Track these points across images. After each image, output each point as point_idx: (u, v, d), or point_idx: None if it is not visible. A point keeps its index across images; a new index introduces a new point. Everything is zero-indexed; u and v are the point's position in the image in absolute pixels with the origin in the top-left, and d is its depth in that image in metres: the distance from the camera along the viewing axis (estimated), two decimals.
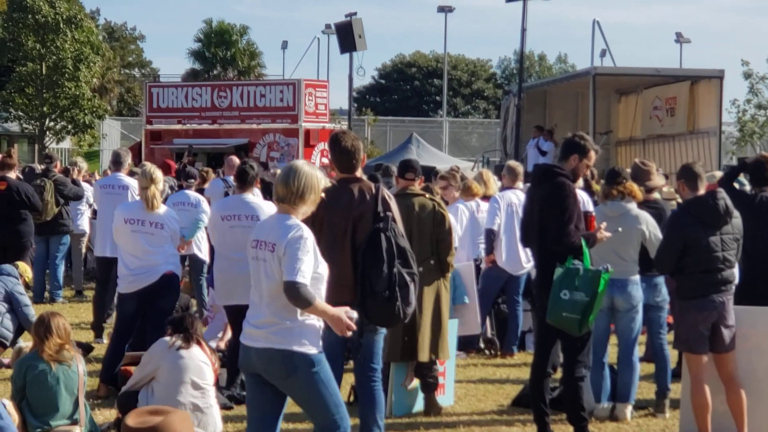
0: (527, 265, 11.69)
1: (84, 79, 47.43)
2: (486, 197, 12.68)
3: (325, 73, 64.77)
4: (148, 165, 10.84)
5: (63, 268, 16.14)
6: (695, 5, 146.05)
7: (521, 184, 12.45)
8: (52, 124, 48.01)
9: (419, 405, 9.61)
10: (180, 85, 35.69)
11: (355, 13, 27.88)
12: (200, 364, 8.41)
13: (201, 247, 13.26)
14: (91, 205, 16.31)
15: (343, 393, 8.58)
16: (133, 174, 13.12)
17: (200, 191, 14.59)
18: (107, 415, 9.05)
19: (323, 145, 26.71)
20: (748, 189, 10.04)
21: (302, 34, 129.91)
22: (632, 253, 9.13)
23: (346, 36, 27.46)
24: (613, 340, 9.67)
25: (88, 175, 19.20)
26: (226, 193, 14.58)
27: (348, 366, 8.47)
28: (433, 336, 9.25)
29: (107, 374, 9.88)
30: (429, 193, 9.85)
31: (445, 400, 9.77)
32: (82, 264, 17.01)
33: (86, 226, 16.55)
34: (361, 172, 7.85)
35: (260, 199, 10.57)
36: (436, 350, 9.27)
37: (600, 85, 25.89)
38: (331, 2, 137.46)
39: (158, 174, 10.10)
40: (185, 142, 28.27)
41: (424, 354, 9.18)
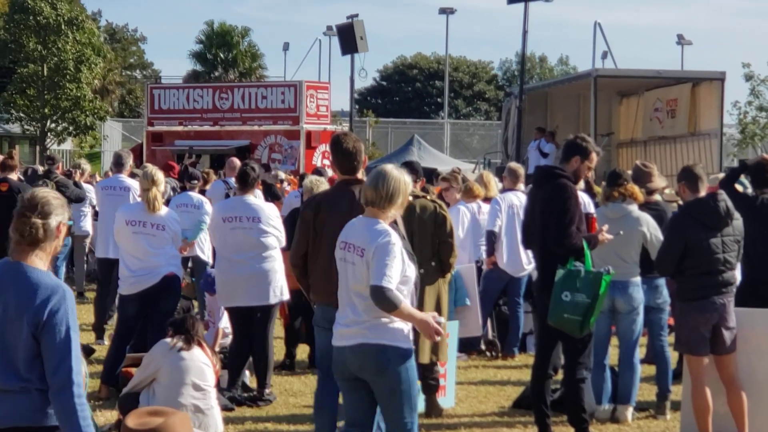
0: (528, 267, 11.69)
1: (85, 80, 47.46)
2: (487, 199, 12.68)
3: (327, 74, 65.04)
4: (150, 167, 10.84)
5: (64, 269, 16.13)
6: (697, 7, 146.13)
7: (522, 186, 12.46)
8: (53, 125, 48.03)
9: (420, 407, 9.59)
10: (181, 86, 35.71)
11: (357, 15, 27.90)
12: (201, 366, 8.41)
13: (204, 248, 13.26)
14: (94, 207, 16.32)
15: None
16: (134, 175, 13.13)
17: (201, 192, 14.60)
18: (108, 417, 9.06)
19: (324, 147, 26.71)
20: (750, 191, 10.04)
21: (304, 36, 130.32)
22: (633, 254, 9.14)
23: (348, 38, 27.47)
24: (614, 341, 9.68)
25: (89, 177, 19.19)
26: (227, 195, 14.59)
27: None
28: None
29: (108, 375, 9.89)
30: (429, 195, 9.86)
31: (446, 402, 9.77)
32: (84, 265, 17.02)
33: (89, 227, 16.55)
34: (363, 174, 7.85)
35: (261, 201, 10.59)
36: (437, 352, 9.27)
37: (601, 87, 25.89)
38: (332, 4, 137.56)
39: (159, 175, 10.11)
40: (186, 144, 28.32)
41: (425, 355, 9.17)
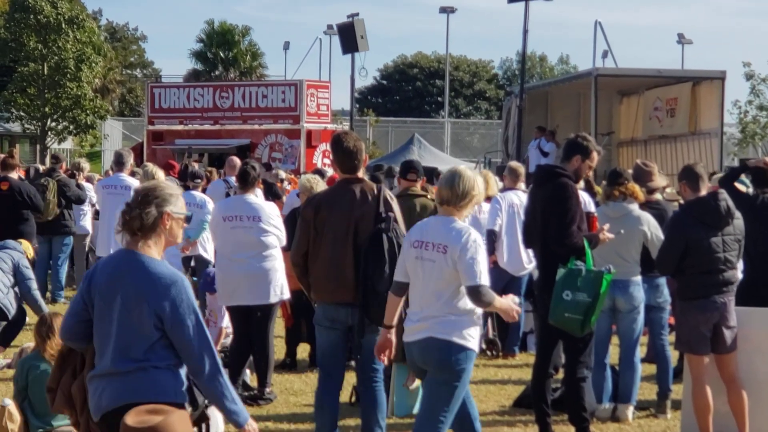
0: (529, 266, 11.69)
1: (86, 79, 47.51)
2: (488, 198, 12.68)
3: (327, 73, 64.89)
4: (150, 165, 10.86)
5: (66, 269, 16.16)
6: (697, 7, 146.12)
7: (523, 185, 12.45)
8: (53, 124, 48.08)
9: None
10: (182, 85, 35.73)
11: (357, 14, 27.87)
12: None
13: (206, 247, 13.26)
14: (94, 206, 16.34)
15: (345, 393, 8.61)
16: (135, 174, 13.14)
17: (203, 191, 14.60)
18: None
19: (325, 146, 26.74)
20: (750, 190, 10.04)
21: (304, 35, 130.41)
22: (634, 254, 9.13)
23: (348, 37, 27.45)
24: (615, 340, 9.68)
25: (86, 175, 19.20)
26: (228, 194, 14.59)
27: (350, 366, 8.47)
28: None
29: None
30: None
31: None
32: (84, 264, 17.04)
33: (89, 226, 16.57)
34: (364, 173, 7.86)
35: (262, 200, 10.59)
36: None
37: (602, 86, 25.87)
38: (332, 3, 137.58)
39: (160, 174, 10.13)
40: (187, 143, 28.31)
41: None
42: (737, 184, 9.96)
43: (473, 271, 6.33)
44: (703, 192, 8.34)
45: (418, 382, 9.50)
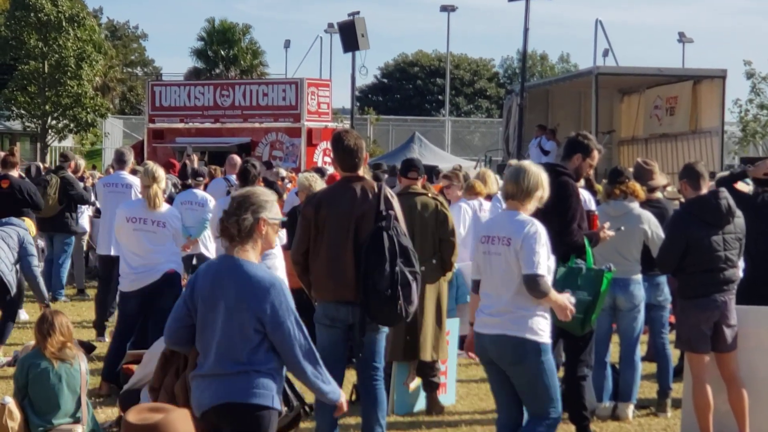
0: None
1: (86, 77, 47.46)
2: (489, 196, 12.67)
3: (328, 72, 64.94)
4: (150, 164, 10.84)
5: (67, 267, 16.13)
6: (698, 5, 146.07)
7: None
8: (54, 122, 48.01)
9: (421, 404, 9.61)
10: (182, 83, 35.68)
11: (358, 13, 27.89)
12: None
13: (208, 245, 13.25)
14: (93, 204, 16.32)
15: (345, 392, 8.59)
16: (135, 172, 13.13)
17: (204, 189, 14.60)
18: (109, 414, 9.06)
19: (326, 144, 26.72)
20: (751, 188, 10.03)
21: (305, 34, 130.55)
22: (634, 252, 9.13)
23: (349, 35, 27.44)
24: (615, 339, 9.68)
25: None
26: (229, 192, 14.58)
27: (350, 364, 8.47)
28: (435, 335, 9.26)
29: (109, 372, 9.89)
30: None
31: (447, 399, 9.77)
32: (83, 262, 17.02)
33: (87, 224, 16.55)
34: (367, 170, 7.86)
35: None
36: (437, 349, 9.28)
37: (602, 85, 25.90)
38: (333, 1, 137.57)
39: (160, 172, 10.11)
40: (187, 141, 28.28)
41: (426, 353, 9.18)
42: (739, 183, 9.95)
43: (531, 260, 6.51)
44: (704, 190, 8.34)
45: (418, 381, 9.52)
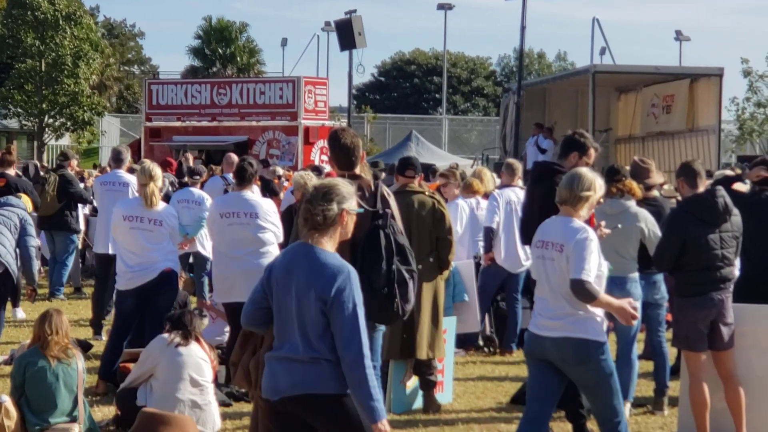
0: (526, 263, 11.65)
1: (83, 76, 47.51)
2: (485, 195, 12.67)
3: (325, 70, 64.66)
4: (147, 162, 10.81)
5: (70, 266, 16.08)
6: (695, 4, 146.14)
7: (520, 182, 12.44)
8: (51, 120, 48.05)
9: (418, 402, 9.60)
10: (179, 82, 35.57)
11: (355, 11, 27.89)
12: (199, 361, 8.41)
13: (204, 244, 13.22)
14: (91, 202, 16.28)
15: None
16: (132, 171, 13.11)
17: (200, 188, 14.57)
18: (106, 412, 9.05)
19: (322, 143, 26.69)
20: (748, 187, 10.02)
21: (302, 32, 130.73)
22: (631, 250, 9.11)
23: (346, 33, 27.45)
24: (612, 337, 9.66)
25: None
26: (226, 190, 14.56)
27: None
28: (431, 333, 9.25)
29: (106, 371, 9.87)
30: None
31: (444, 398, 9.76)
32: (79, 261, 16.97)
33: (82, 223, 16.51)
34: (365, 168, 7.84)
35: (259, 197, 10.57)
36: (434, 348, 9.26)
37: (599, 83, 25.85)
38: (330, 0, 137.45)
39: (157, 171, 10.09)
40: (185, 140, 28.29)
41: (423, 351, 9.17)
42: (736, 184, 9.94)
43: (578, 266, 6.61)
44: (701, 189, 8.33)
45: (414, 379, 9.51)
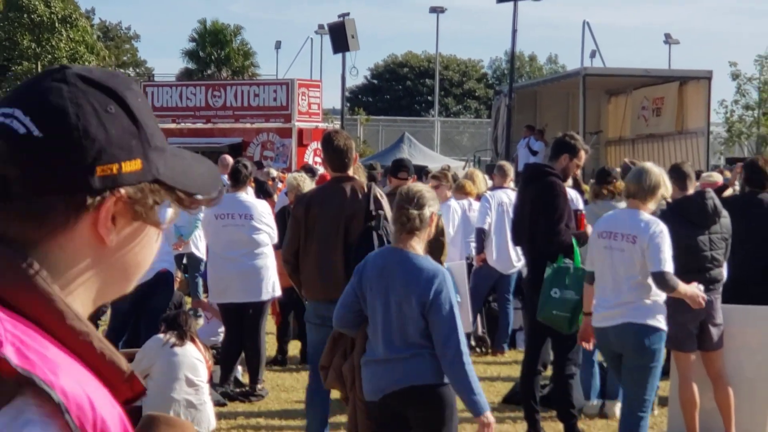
0: (518, 264, 11.66)
1: None
2: (477, 196, 12.66)
3: (319, 72, 64.79)
4: None
5: None
6: (684, 7, 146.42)
7: (512, 184, 12.43)
8: None
9: None
10: (174, 84, 35.60)
11: (348, 14, 27.87)
12: (194, 361, 8.38)
13: (198, 244, 13.21)
14: None
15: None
16: None
17: None
18: None
19: (316, 145, 26.70)
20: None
21: (295, 35, 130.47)
22: None
23: (339, 36, 27.42)
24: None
25: None
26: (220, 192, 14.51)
27: None
28: None
29: None
30: None
31: None
32: None
33: None
34: (359, 170, 7.85)
35: (253, 198, 10.55)
36: None
37: (590, 86, 25.92)
38: (324, 3, 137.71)
39: None
40: (179, 141, 28.19)
41: None
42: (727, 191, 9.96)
43: (658, 258, 6.84)
44: (691, 191, 8.34)
45: None
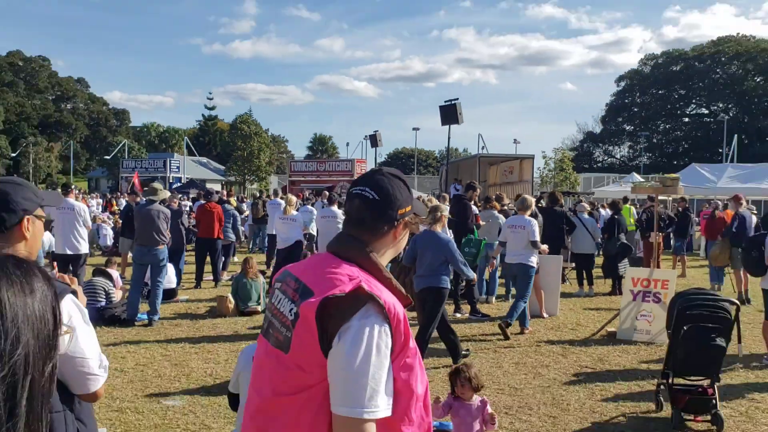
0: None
1: (263, 159, 45.89)
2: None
3: (365, 156, 64.10)
4: (290, 195, 10.21)
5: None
6: (525, 124, 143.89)
7: (448, 205, 11.87)
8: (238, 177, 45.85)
9: None
10: (303, 161, 35.83)
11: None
12: None
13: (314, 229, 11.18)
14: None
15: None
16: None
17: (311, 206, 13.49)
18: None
19: None
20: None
21: (353, 139, 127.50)
22: (494, 233, 8.55)
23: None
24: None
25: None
26: (323, 207, 13.85)
27: None
28: None
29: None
30: None
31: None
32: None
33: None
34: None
35: (336, 208, 9.66)
36: None
37: (482, 161, 26.02)
38: (361, 125, 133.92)
39: (293, 198, 9.57)
40: (305, 185, 28.59)
41: None
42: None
43: (534, 234, 5.32)
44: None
45: None
